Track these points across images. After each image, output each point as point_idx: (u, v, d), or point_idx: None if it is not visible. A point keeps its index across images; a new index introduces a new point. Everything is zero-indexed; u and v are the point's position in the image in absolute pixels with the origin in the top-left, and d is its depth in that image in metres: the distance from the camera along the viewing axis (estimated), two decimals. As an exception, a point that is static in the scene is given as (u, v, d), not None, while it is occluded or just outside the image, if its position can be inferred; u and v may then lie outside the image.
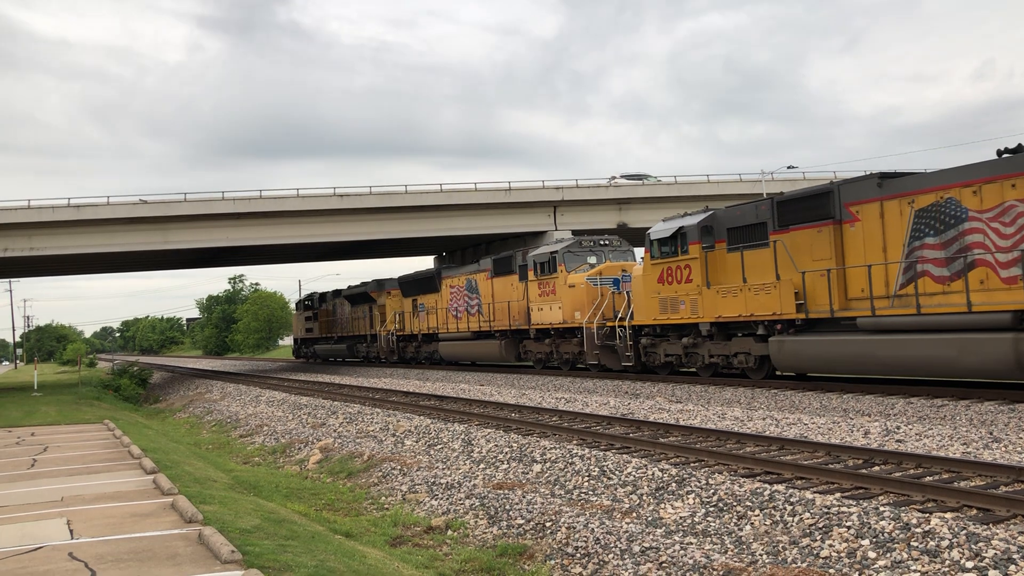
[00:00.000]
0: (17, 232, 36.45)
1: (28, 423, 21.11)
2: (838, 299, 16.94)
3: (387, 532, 10.12)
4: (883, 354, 15.64)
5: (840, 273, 17.00)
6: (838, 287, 16.98)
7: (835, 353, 16.72)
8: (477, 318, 32.30)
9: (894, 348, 15.46)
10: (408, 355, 39.73)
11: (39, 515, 9.11)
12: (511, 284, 29.83)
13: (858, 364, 16.36)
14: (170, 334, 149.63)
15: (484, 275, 31.94)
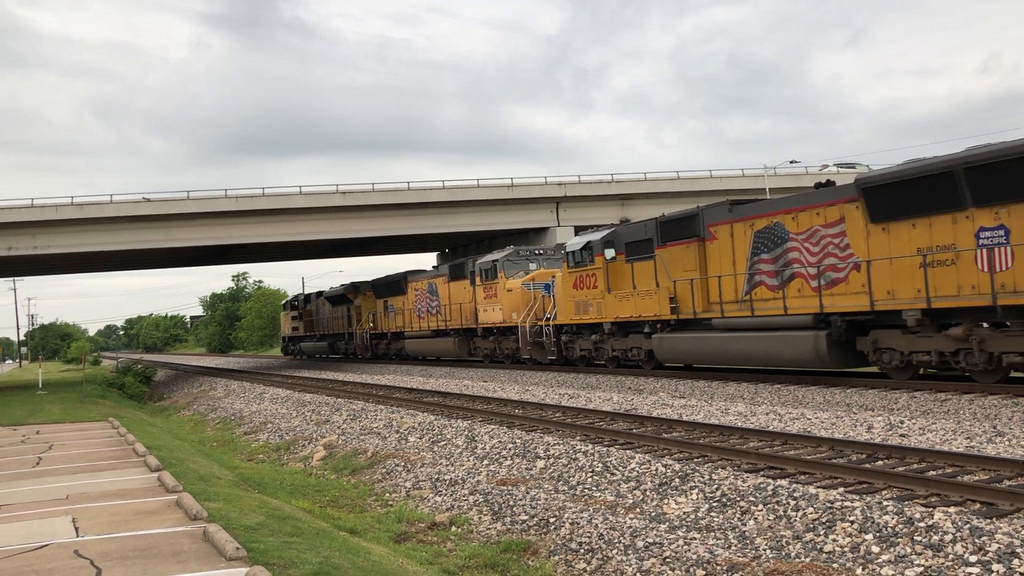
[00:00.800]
0: (21, 231, 36.52)
1: (33, 421, 21.17)
2: (701, 303, 20.38)
3: (391, 528, 10.14)
4: (731, 348, 19.04)
5: (703, 282, 20.32)
6: (701, 293, 20.39)
7: (699, 347, 20.16)
8: (437, 318, 35.39)
9: (738, 343, 18.86)
10: (380, 351, 42.64)
11: (44, 513, 9.15)
12: (464, 288, 32.87)
13: (716, 356, 19.91)
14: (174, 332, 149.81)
15: (443, 279, 34.88)
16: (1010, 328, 14.05)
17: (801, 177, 43.30)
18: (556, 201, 41.72)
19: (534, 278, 29.11)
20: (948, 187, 14.68)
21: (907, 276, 15.58)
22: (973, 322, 14.69)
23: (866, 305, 16.20)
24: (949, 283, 14.92)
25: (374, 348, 43.22)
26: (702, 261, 20.42)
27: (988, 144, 14.63)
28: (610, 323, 23.67)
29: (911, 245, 15.58)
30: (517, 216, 41.67)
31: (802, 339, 17.26)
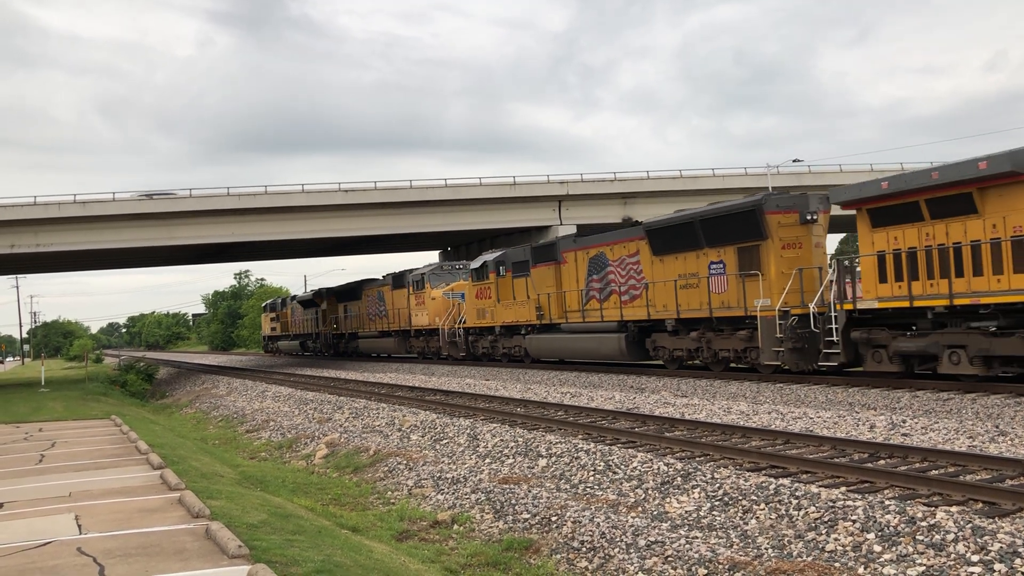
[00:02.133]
0: (23, 228, 36.55)
1: (36, 419, 21.20)
2: (556, 312, 26.82)
3: (393, 527, 10.15)
4: (573, 346, 25.69)
5: (558, 295, 26.77)
6: (557, 304, 26.84)
7: (555, 345, 26.82)
8: (383, 321, 41.43)
9: (576, 342, 25.53)
10: (340, 349, 48.99)
11: (47, 510, 9.16)
12: (403, 296, 38.42)
13: (565, 352, 26.47)
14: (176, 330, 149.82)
15: (388, 288, 40.41)
16: (723, 331, 19.98)
17: (803, 176, 43.26)
18: (558, 200, 41.69)
19: (452, 288, 34.63)
20: (693, 233, 20.68)
21: (670, 295, 21.50)
22: (706, 328, 20.47)
23: (647, 315, 22.33)
24: (694, 300, 20.79)
25: (335, 346, 49.65)
26: (558, 279, 26.81)
27: (716, 203, 21.36)
28: (500, 326, 30.15)
29: (674, 272, 21.45)
30: (519, 215, 41.66)
31: (612, 339, 23.55)
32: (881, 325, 16.45)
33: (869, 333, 16.41)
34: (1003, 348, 14.12)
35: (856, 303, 16.70)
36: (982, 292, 14.49)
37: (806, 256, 18.74)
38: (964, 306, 14.73)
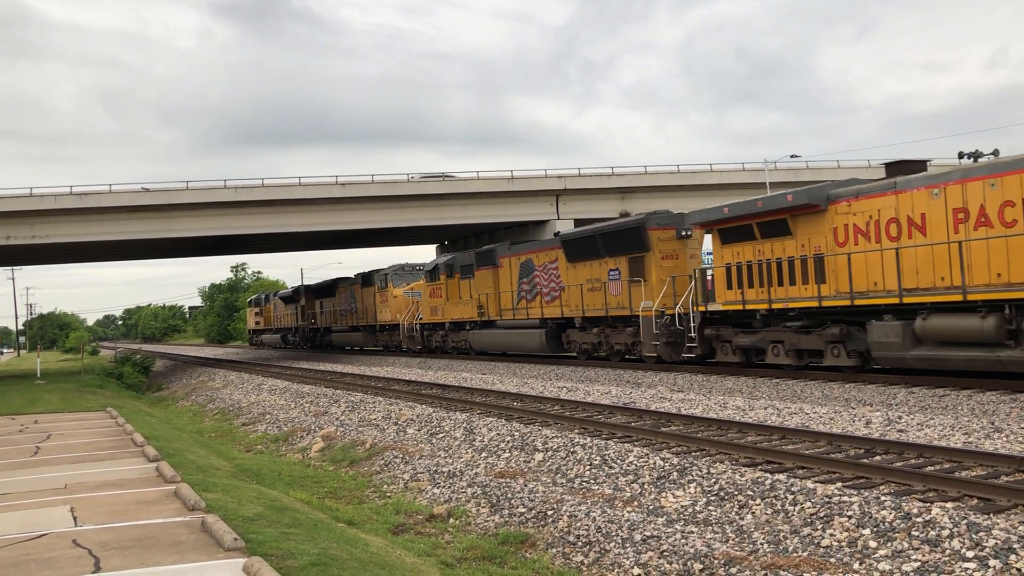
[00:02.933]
0: (20, 220, 36.45)
1: (31, 411, 21.18)
2: (494, 310, 30.30)
3: (389, 520, 10.16)
4: (507, 340, 29.37)
5: (495, 295, 30.22)
6: (494, 303, 30.30)
7: (492, 339, 30.33)
8: (354, 316, 44.73)
9: (508, 336, 29.20)
10: (316, 342, 52.69)
11: (43, 502, 9.15)
12: (370, 293, 41.80)
13: (501, 345, 29.98)
14: (172, 322, 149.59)
15: (358, 286, 43.77)
16: (618, 328, 23.72)
17: (801, 171, 43.25)
18: (556, 194, 41.65)
19: (412, 287, 38.04)
20: (596, 244, 24.47)
21: (579, 296, 25.20)
22: (605, 325, 24.41)
23: (569, 312, 26.02)
24: (597, 301, 24.56)
25: (312, 339, 53.40)
26: (496, 282, 30.32)
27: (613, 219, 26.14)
28: (449, 322, 33.92)
29: (583, 277, 25.14)
30: (517, 209, 41.62)
31: (535, 334, 27.50)
32: (728, 324, 19.84)
33: (718, 331, 19.97)
34: (806, 343, 17.62)
35: (707, 306, 20.24)
36: (792, 298, 17.95)
37: (682, 266, 22.29)
38: (779, 309, 18.21)
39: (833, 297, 17.06)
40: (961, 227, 14.87)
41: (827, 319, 17.34)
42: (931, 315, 15.07)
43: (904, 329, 15.37)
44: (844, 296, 16.76)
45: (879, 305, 16.07)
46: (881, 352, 15.91)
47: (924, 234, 15.46)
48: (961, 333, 14.53)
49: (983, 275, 14.42)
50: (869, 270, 16.44)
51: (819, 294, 17.36)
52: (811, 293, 17.53)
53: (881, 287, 16.17)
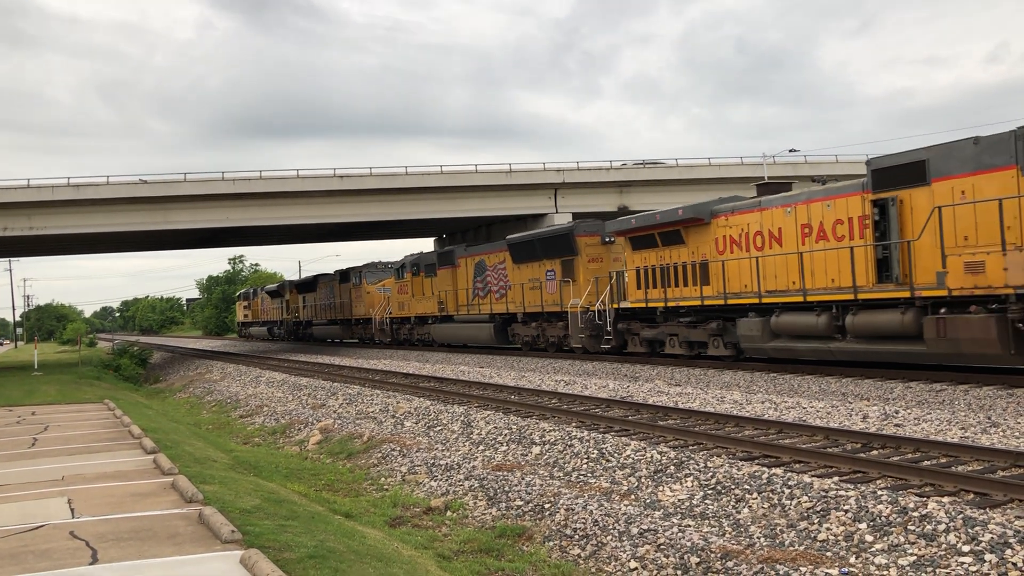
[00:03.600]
0: (17, 211, 36.36)
1: (28, 402, 21.17)
2: (452, 306, 33.91)
3: (386, 513, 10.17)
4: (462, 333, 32.84)
5: (454, 292, 33.80)
6: (453, 300, 33.87)
7: (450, 333, 33.84)
8: (332, 311, 48.25)
9: (464, 330, 32.64)
10: (299, 334, 55.76)
11: (40, 494, 9.15)
12: (347, 289, 45.47)
13: (457, 338, 33.43)
14: (170, 314, 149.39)
15: (336, 282, 47.34)
16: (552, 322, 27.08)
17: (799, 166, 43.21)
18: (554, 187, 41.60)
19: (383, 284, 41.50)
20: (535, 248, 27.80)
21: (522, 294, 28.48)
22: (542, 320, 27.74)
23: (513, 309, 29.23)
24: (536, 299, 27.87)
25: (295, 332, 56.58)
26: (455, 280, 33.85)
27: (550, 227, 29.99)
28: (414, 316, 37.41)
29: (525, 277, 28.42)
30: (515, 202, 41.57)
31: (485, 328, 30.77)
32: (636, 319, 22.96)
33: (628, 325, 23.20)
34: (694, 336, 20.74)
35: (620, 304, 23.16)
36: (683, 298, 20.94)
37: (606, 268, 25.20)
38: (672, 307, 21.22)
39: (713, 297, 20.03)
40: (807, 240, 17.72)
41: (710, 316, 20.33)
42: (782, 313, 17.91)
43: (763, 325, 18.28)
44: (721, 296, 19.73)
45: (744, 304, 19.05)
46: (747, 344, 18.90)
47: (780, 245, 18.38)
48: (803, 328, 17.31)
49: (822, 280, 17.23)
50: (741, 275, 19.34)
51: (702, 294, 20.40)
52: (697, 293, 20.60)
53: (749, 289, 19.06)
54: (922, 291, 14.95)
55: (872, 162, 16.42)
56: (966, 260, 14.14)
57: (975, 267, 14.00)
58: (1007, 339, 13.52)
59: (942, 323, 14.40)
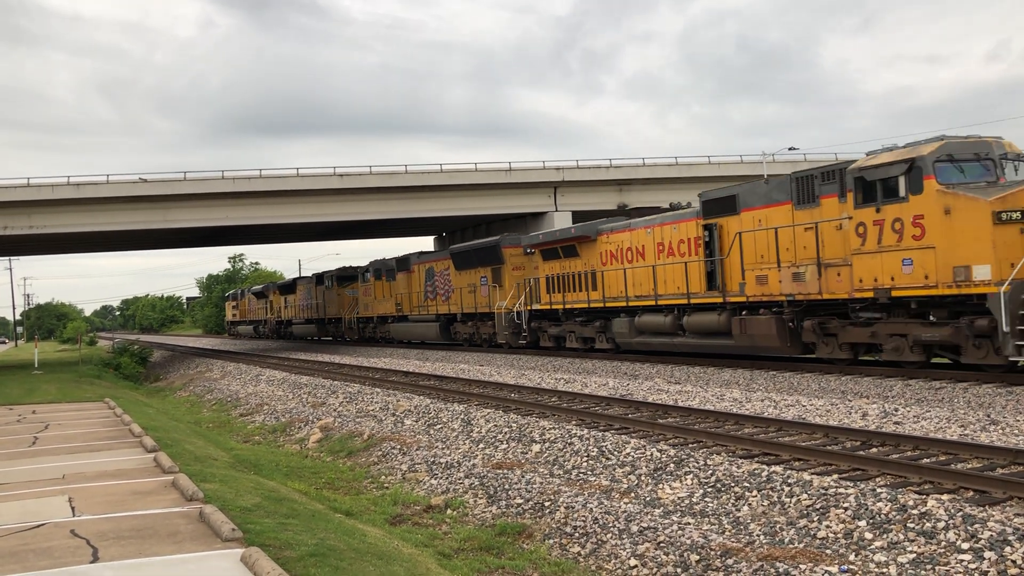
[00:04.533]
0: (16, 210, 36.36)
1: (29, 401, 21.18)
2: (408, 307, 38.06)
3: (387, 511, 10.18)
4: (415, 331, 37.08)
5: (408, 295, 38.02)
6: (408, 301, 38.08)
7: (405, 331, 37.99)
8: (309, 311, 53.04)
9: (416, 328, 36.91)
10: (281, 333, 60.60)
11: (41, 492, 9.17)
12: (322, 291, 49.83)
13: (411, 336, 37.63)
14: (170, 313, 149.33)
15: (312, 285, 51.89)
16: (485, 321, 30.98)
17: (799, 164, 43.19)
18: (554, 186, 41.61)
19: (352, 287, 45.73)
20: (472, 257, 31.73)
21: (462, 297, 32.66)
22: (476, 320, 31.86)
23: (455, 310, 33.45)
24: (472, 301, 31.84)
25: (277, 331, 60.98)
26: (410, 284, 37.95)
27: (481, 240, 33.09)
28: (376, 316, 41.85)
29: (465, 282, 32.36)
30: (515, 200, 41.57)
31: (433, 326, 35.06)
32: (545, 319, 27.43)
33: (539, 324, 27.70)
34: (585, 333, 25.14)
35: (532, 306, 27.80)
36: (577, 301, 25.37)
37: (527, 275, 28.95)
38: (570, 308, 25.80)
39: (597, 301, 24.34)
40: (660, 255, 21.82)
41: (596, 316, 24.69)
42: (643, 314, 22.18)
43: (630, 323, 22.60)
44: (602, 300, 24.16)
45: (618, 307, 23.46)
46: (620, 339, 23.26)
47: (643, 259, 22.49)
48: (656, 326, 21.52)
49: (671, 288, 21.34)
50: (617, 283, 23.50)
51: (589, 299, 24.73)
52: (587, 298, 24.91)
53: (622, 295, 23.23)
54: (730, 297, 19.25)
55: (703, 195, 20.36)
56: (757, 274, 18.43)
57: (762, 279, 18.31)
58: (784, 334, 17.67)
59: (742, 322, 18.64)
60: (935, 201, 14.65)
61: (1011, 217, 14.01)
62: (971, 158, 15.23)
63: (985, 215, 14.06)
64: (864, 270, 15.81)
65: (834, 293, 16.64)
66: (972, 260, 14.24)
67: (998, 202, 14.06)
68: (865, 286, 15.84)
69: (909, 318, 15.60)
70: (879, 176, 15.60)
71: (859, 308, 16.41)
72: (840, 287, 16.47)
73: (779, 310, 17.85)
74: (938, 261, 14.61)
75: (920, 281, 14.92)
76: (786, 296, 17.57)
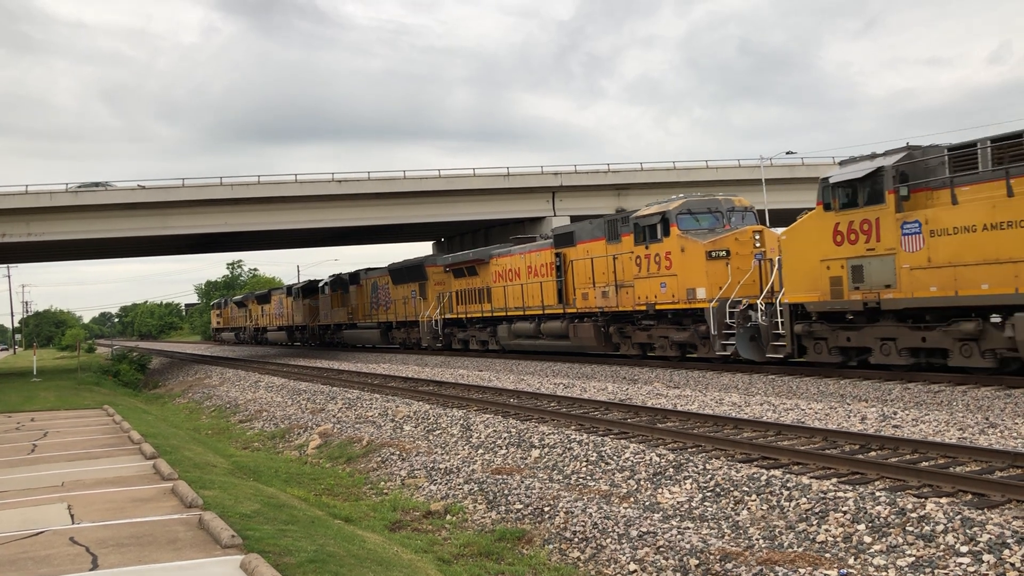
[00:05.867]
0: (15, 217, 36.37)
1: (28, 408, 21.16)
2: (357, 316, 44.16)
3: (386, 517, 10.17)
4: (362, 336, 43.48)
5: (359, 306, 43.94)
6: (357, 311, 44.08)
7: (354, 335, 44.38)
8: (281, 319, 59.35)
9: (363, 334, 43.27)
10: (258, 339, 66.52)
11: (40, 500, 9.16)
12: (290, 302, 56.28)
13: (360, 340, 43.86)
14: (169, 319, 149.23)
15: (283, 295, 59.04)
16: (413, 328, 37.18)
17: (796, 168, 43.28)
18: (552, 191, 41.66)
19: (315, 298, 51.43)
20: (404, 273, 37.59)
21: (398, 308, 38.75)
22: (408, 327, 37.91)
23: (392, 318, 39.51)
24: (406, 310, 37.90)
25: (255, 337, 67.55)
26: (360, 296, 43.83)
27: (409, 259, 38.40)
28: (333, 324, 48.10)
29: (400, 295, 38.27)
30: (513, 206, 41.61)
31: (376, 332, 41.35)
32: (456, 326, 33.72)
33: (451, 330, 33.94)
34: (482, 337, 31.70)
35: (445, 315, 33.96)
36: (477, 311, 31.84)
37: (445, 289, 34.35)
38: (471, 317, 32.37)
39: (488, 311, 30.82)
40: (530, 276, 28.18)
41: (488, 324, 31.04)
42: (516, 321, 28.71)
43: (509, 329, 29.12)
44: (491, 311, 30.59)
45: (501, 316, 29.92)
46: (503, 341, 29.71)
47: (519, 278, 28.97)
48: (525, 331, 28.06)
49: (535, 301, 27.60)
50: (502, 297, 29.83)
51: (482, 310, 31.28)
52: (481, 308, 31.44)
53: (504, 307, 29.66)
54: (568, 309, 25.77)
55: (555, 230, 27.44)
56: (583, 292, 25.07)
57: (586, 296, 24.91)
58: (600, 337, 24.19)
59: (574, 327, 25.25)
60: (676, 243, 20.96)
61: (718, 254, 20.26)
62: (705, 211, 21.18)
63: (701, 253, 20.33)
64: (641, 290, 22.13)
65: (625, 307, 22.99)
66: (696, 284, 20.35)
67: (709, 244, 20.38)
68: (642, 302, 22.11)
69: (669, 324, 21.67)
70: (647, 223, 21.85)
71: (640, 318, 22.63)
72: (628, 302, 22.74)
73: (595, 319, 24.29)
74: (679, 285, 20.84)
75: (671, 299, 21.08)
76: (599, 308, 24.09)
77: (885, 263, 15.46)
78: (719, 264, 20.05)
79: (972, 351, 14.40)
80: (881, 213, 15.49)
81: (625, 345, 23.32)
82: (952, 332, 14.55)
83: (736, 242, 20.27)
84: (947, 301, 14.52)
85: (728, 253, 20.16)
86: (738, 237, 20.33)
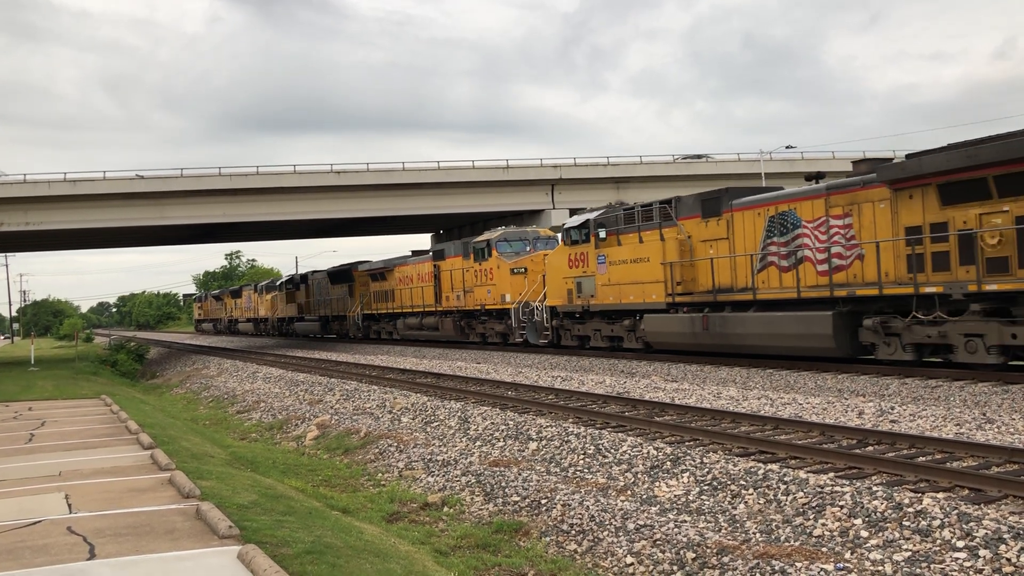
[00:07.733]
0: (13, 206, 36.31)
1: (25, 398, 21.15)
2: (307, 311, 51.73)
3: (384, 508, 10.18)
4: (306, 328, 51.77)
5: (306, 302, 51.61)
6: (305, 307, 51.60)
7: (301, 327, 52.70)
8: (250, 312, 66.16)
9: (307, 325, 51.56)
10: (232, 330, 73.13)
11: (37, 489, 9.16)
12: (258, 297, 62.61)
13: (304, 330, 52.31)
14: (167, 310, 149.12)
15: (251, 290, 66.19)
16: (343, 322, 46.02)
17: (796, 163, 43.24)
18: (551, 183, 41.61)
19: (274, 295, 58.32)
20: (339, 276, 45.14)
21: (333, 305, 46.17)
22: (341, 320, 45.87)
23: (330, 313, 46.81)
24: (337, 307, 46.08)
25: (229, 327, 74.22)
26: (307, 293, 50.53)
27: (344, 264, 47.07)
28: (288, 317, 54.71)
29: (335, 294, 45.55)
30: (512, 198, 41.57)
31: (316, 324, 49.14)
32: (374, 319, 41.05)
33: (369, 324, 41.33)
34: (389, 328, 39.22)
35: (366, 311, 41.26)
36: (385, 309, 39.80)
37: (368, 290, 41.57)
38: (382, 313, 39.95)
39: (394, 309, 38.49)
40: (418, 281, 35.69)
41: (394, 318, 38.52)
42: (408, 317, 36.53)
43: (404, 322, 36.91)
44: (395, 308, 38.43)
45: (399, 312, 37.95)
46: (400, 333, 37.53)
47: (412, 283, 36.39)
48: (413, 324, 36.02)
49: (420, 301, 35.23)
50: (401, 297, 37.72)
51: (389, 307, 39.17)
52: (387, 307, 39.38)
53: (402, 305, 37.51)
54: (439, 307, 33.56)
55: (434, 248, 35.80)
56: (446, 295, 33.13)
57: (448, 298, 32.97)
58: (458, 329, 32.17)
59: (442, 321, 33.41)
60: (495, 262, 29.59)
61: (518, 270, 28.86)
62: (517, 239, 30.18)
63: (507, 269, 29.02)
64: (478, 295, 30.71)
65: (470, 307, 31.46)
66: (506, 292, 28.82)
67: (513, 263, 29.06)
68: (478, 303, 30.65)
69: (495, 320, 30.13)
70: (479, 247, 30.65)
71: (480, 315, 31.06)
72: (472, 303, 31.26)
73: (454, 316, 32.60)
74: (497, 292, 29.23)
75: (493, 302, 29.55)
76: (455, 308, 32.51)
77: (590, 281, 24.12)
78: (519, 277, 28.85)
79: (631, 338, 22.74)
80: (588, 249, 24.27)
81: (472, 335, 31.96)
82: (624, 325, 22.98)
83: (532, 262, 28.88)
84: (617, 307, 23.15)
85: (526, 270, 28.73)
86: (533, 259, 29.04)
